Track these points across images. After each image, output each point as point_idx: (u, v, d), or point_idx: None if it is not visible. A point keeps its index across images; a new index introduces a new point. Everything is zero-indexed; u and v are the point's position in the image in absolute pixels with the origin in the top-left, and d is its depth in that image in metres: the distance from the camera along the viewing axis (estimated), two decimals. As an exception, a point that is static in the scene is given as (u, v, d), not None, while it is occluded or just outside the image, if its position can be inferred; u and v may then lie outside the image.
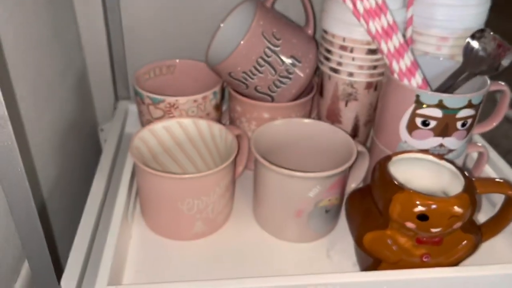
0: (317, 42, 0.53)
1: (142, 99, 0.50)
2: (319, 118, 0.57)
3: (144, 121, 0.53)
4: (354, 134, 0.55)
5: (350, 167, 0.51)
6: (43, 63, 0.48)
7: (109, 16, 0.58)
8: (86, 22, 0.60)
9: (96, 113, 0.68)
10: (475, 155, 0.55)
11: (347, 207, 0.44)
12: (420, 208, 0.36)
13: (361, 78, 0.50)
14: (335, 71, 0.50)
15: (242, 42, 0.46)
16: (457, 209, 0.36)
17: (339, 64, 0.50)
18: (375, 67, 0.49)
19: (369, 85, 0.50)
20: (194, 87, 0.57)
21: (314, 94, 0.54)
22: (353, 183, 0.50)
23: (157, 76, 0.57)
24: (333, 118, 0.54)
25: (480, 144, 0.49)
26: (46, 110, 0.49)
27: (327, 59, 0.51)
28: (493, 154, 0.54)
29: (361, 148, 0.47)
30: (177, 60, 0.57)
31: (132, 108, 0.62)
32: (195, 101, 0.49)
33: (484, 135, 0.55)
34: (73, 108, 0.58)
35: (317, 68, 0.53)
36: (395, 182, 0.38)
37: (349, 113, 0.53)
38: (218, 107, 0.53)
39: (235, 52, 0.46)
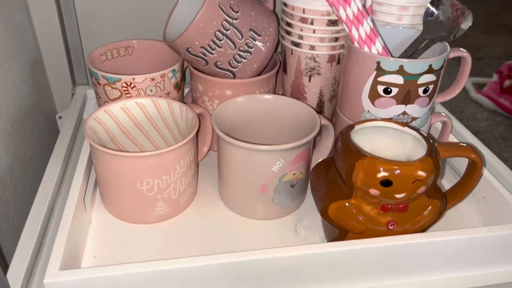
0: (277, 16, 0.51)
1: (97, 79, 0.48)
2: (284, 95, 0.56)
3: (102, 104, 0.50)
4: (319, 110, 0.54)
5: (315, 142, 0.50)
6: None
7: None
8: (37, 4, 0.57)
9: (54, 100, 0.65)
10: (439, 126, 0.54)
11: (312, 179, 0.43)
12: (383, 174, 0.35)
13: (323, 51, 0.49)
14: (297, 45, 0.49)
15: (198, 15, 0.44)
16: (420, 173, 0.35)
17: (300, 37, 0.48)
18: (336, 39, 0.48)
19: (331, 58, 0.49)
20: (154, 68, 0.55)
21: (277, 70, 0.53)
22: (319, 158, 0.49)
23: (115, 58, 0.55)
24: (298, 94, 0.53)
25: (443, 114, 0.49)
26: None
27: (288, 33, 0.49)
28: (456, 124, 0.54)
29: (325, 121, 0.46)
30: (134, 41, 0.55)
31: (91, 93, 0.60)
32: (153, 79, 0.48)
33: (451, 118, 0.55)
34: (27, 93, 0.55)
35: (279, 43, 0.52)
36: (358, 148, 0.37)
37: (313, 88, 0.52)
38: (178, 86, 0.52)
39: (191, 25, 0.44)
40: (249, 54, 0.48)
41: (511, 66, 1.80)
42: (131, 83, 0.47)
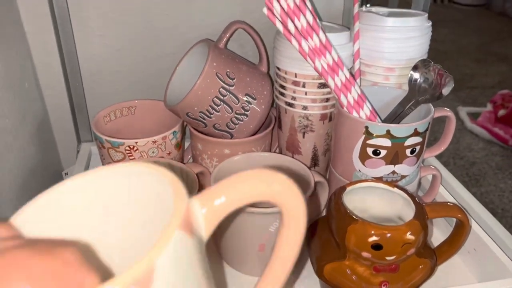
0: (271, 78, 0.54)
1: (101, 143, 0.51)
2: (280, 150, 0.58)
3: (106, 165, 0.53)
4: (314, 163, 0.56)
5: (310, 198, 0.52)
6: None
7: (66, 60, 0.59)
8: (44, 68, 0.60)
9: (60, 157, 0.68)
10: (430, 176, 0.57)
11: (307, 238, 0.44)
12: (374, 238, 0.37)
13: (315, 110, 0.51)
14: (290, 105, 0.52)
15: (196, 84, 0.47)
16: (409, 236, 0.37)
17: (293, 98, 0.51)
18: (327, 100, 0.51)
19: (323, 117, 0.52)
20: (156, 126, 0.58)
21: (272, 127, 0.55)
22: (314, 213, 0.51)
23: (118, 118, 0.58)
24: (293, 149, 0.55)
25: (433, 167, 0.51)
26: (5, 159, 0.48)
27: (282, 94, 0.52)
28: (446, 174, 0.56)
29: (319, 178, 0.48)
30: (136, 101, 0.58)
31: (95, 150, 0.62)
32: (154, 142, 0.50)
33: (448, 148, 0.57)
34: (34, 154, 0.57)
35: (274, 101, 0.55)
36: (349, 213, 0.39)
37: (307, 144, 0.54)
38: (179, 146, 0.54)
39: (190, 94, 0.47)
40: (245, 117, 0.50)
41: (504, 96, 1.84)
42: (134, 147, 0.50)
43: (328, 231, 0.42)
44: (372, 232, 0.37)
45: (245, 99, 0.50)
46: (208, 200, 0.20)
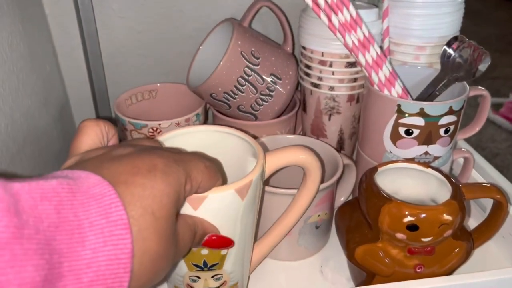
0: (296, 59, 0.53)
1: (124, 125, 0.50)
2: (304, 133, 0.57)
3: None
4: (339, 147, 0.54)
5: (338, 181, 0.51)
6: (21, 94, 0.48)
7: (87, 43, 0.58)
8: (65, 50, 0.60)
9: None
10: (461, 160, 0.55)
11: (337, 221, 0.43)
12: (409, 218, 0.35)
13: (342, 91, 0.50)
14: (316, 86, 0.50)
15: (221, 63, 0.46)
16: (446, 216, 0.35)
17: (320, 79, 0.50)
18: (355, 80, 0.49)
19: (351, 98, 0.50)
20: (178, 109, 0.57)
21: (297, 110, 0.54)
22: (342, 197, 0.50)
23: (140, 101, 0.57)
24: (318, 132, 0.54)
25: (465, 150, 0.49)
26: (27, 142, 0.48)
27: (308, 74, 0.51)
28: (478, 158, 0.54)
29: (347, 161, 0.47)
30: (158, 84, 0.57)
31: (116, 135, 0.61)
32: (177, 124, 0.49)
33: (471, 139, 0.55)
34: (56, 137, 0.57)
35: (298, 83, 0.53)
36: (383, 193, 0.37)
37: (333, 126, 0.53)
38: (202, 129, 0.53)
39: (215, 73, 0.46)
40: (270, 98, 0.49)
41: (528, 86, 1.78)
42: (157, 128, 0.49)
43: (358, 213, 0.41)
44: (407, 212, 0.35)
45: (270, 79, 0.48)
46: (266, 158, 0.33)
